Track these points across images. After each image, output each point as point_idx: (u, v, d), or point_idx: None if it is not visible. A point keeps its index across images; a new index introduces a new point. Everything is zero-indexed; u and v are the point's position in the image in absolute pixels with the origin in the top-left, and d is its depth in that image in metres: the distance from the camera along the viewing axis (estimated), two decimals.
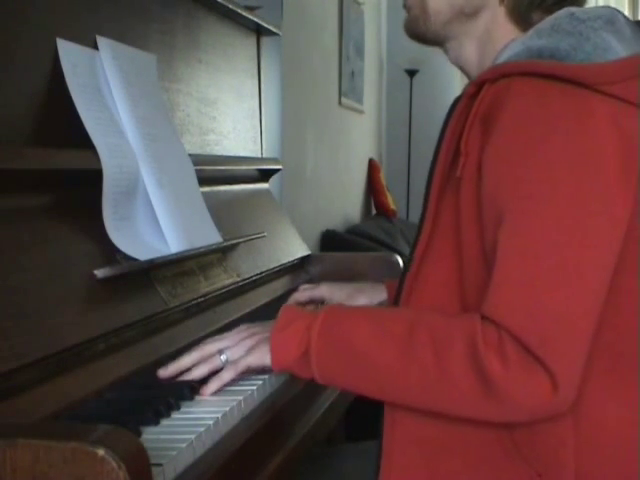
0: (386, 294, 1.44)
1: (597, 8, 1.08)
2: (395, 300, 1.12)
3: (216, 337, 1.19)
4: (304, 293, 1.49)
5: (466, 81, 1.17)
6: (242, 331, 1.16)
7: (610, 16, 1.05)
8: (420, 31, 1.18)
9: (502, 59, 1.08)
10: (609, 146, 0.97)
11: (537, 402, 0.95)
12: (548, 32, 1.04)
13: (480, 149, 1.02)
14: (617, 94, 0.99)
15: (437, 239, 1.07)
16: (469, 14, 1.14)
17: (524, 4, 1.11)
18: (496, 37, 1.13)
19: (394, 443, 1.07)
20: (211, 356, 1.14)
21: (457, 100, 1.07)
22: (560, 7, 1.09)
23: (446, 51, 1.20)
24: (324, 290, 1.47)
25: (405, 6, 1.19)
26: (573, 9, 1.07)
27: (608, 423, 1.01)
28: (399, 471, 1.06)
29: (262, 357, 1.09)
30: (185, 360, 1.15)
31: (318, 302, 1.49)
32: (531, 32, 1.07)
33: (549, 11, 1.10)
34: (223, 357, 1.14)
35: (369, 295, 1.45)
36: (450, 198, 1.06)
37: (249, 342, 1.13)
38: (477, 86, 1.04)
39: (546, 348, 0.93)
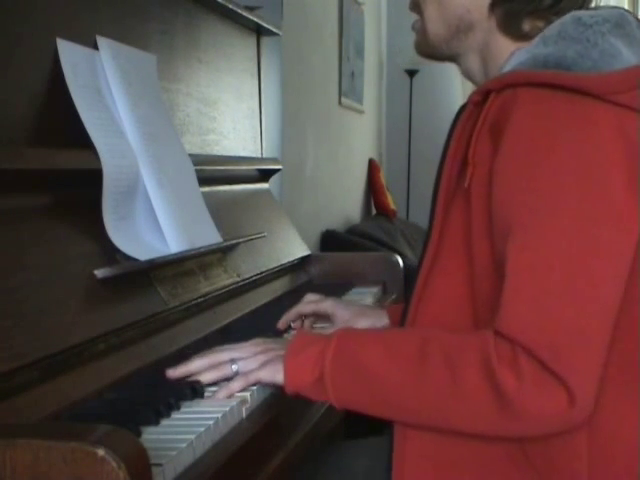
0: (387, 319, 1.43)
1: (605, 9, 1.06)
2: (403, 315, 1.11)
3: (229, 346, 1.16)
4: (309, 306, 1.47)
5: (466, 82, 1.18)
6: (257, 344, 1.14)
7: (619, 18, 1.04)
8: (428, 52, 1.22)
9: (508, 67, 1.08)
10: (615, 155, 0.96)
11: (553, 416, 0.94)
12: (554, 39, 1.03)
13: (490, 160, 1.01)
14: (623, 103, 0.97)
15: (445, 252, 1.06)
16: (465, 30, 1.15)
17: (511, 15, 1.11)
18: (494, 48, 1.14)
19: (405, 459, 1.06)
20: (223, 364, 1.13)
21: (462, 108, 1.07)
22: (552, 13, 1.09)
23: (458, 66, 1.22)
24: (329, 306, 1.46)
25: (413, 29, 1.22)
26: (580, 13, 1.05)
27: (623, 434, 1.00)
28: None
29: (274, 374, 1.08)
30: (196, 364, 1.13)
31: (322, 316, 1.48)
32: (537, 39, 1.06)
33: (540, 18, 1.09)
34: (234, 367, 1.12)
35: (371, 318, 1.43)
36: (458, 209, 1.05)
37: (263, 357, 1.11)
38: (482, 94, 1.04)
39: (561, 362, 0.92)
